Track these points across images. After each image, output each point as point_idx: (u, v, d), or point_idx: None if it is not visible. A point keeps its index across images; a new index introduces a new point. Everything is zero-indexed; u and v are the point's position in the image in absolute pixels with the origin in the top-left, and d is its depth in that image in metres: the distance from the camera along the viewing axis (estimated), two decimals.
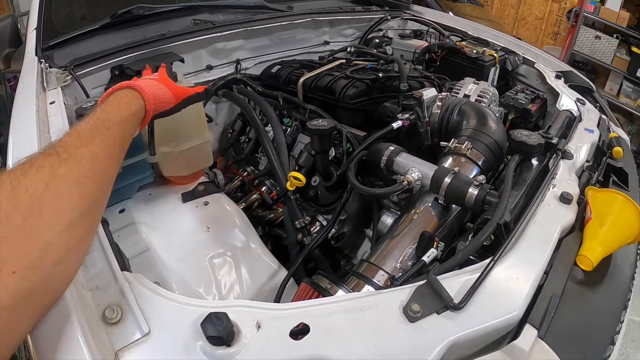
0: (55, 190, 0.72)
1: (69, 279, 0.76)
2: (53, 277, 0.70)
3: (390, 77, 1.89)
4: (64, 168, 0.75)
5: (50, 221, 0.69)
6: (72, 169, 0.76)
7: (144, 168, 1.44)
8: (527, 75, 2.40)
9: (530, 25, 7.20)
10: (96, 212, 0.83)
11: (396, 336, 0.82)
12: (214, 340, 0.75)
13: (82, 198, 0.76)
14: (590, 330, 1.00)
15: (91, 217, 0.80)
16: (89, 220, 0.78)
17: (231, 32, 2.17)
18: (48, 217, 0.69)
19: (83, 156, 0.79)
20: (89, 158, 0.80)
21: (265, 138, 1.77)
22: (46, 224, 0.69)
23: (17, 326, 0.64)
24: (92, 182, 0.79)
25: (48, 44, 1.87)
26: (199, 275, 1.28)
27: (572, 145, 1.52)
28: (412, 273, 1.11)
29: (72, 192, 0.75)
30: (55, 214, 0.70)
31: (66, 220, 0.72)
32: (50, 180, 0.72)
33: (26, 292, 0.64)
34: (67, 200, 0.73)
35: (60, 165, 0.75)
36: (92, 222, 0.81)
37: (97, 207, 0.83)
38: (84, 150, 0.80)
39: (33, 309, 0.68)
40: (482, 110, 1.60)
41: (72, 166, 0.76)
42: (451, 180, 1.28)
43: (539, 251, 1.05)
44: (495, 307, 0.89)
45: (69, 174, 0.75)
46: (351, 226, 1.61)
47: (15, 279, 0.62)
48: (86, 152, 0.80)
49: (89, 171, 0.79)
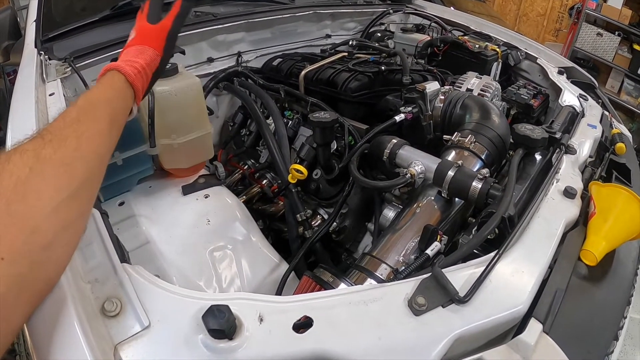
0: (40, 173, 0.70)
1: (60, 264, 0.74)
2: (43, 262, 0.68)
3: (392, 70, 1.88)
4: (47, 150, 0.73)
5: (36, 204, 0.68)
6: (57, 150, 0.74)
7: (144, 160, 1.43)
8: (530, 71, 2.39)
9: (532, 21, 7.18)
10: (87, 193, 0.80)
11: (401, 329, 0.81)
12: (216, 333, 0.74)
13: (70, 179, 0.75)
14: (594, 326, 1.00)
15: (81, 198, 0.77)
16: (78, 201, 0.76)
17: (232, 24, 2.16)
18: (33, 200, 0.68)
19: (68, 136, 0.78)
20: (74, 137, 0.78)
21: (266, 131, 1.76)
22: (31, 207, 0.67)
23: (11, 314, 0.63)
24: (79, 162, 0.77)
25: (48, 36, 1.87)
26: (199, 268, 1.27)
27: (575, 141, 1.51)
28: (416, 266, 1.11)
29: (58, 173, 0.73)
30: (40, 197, 0.69)
31: (53, 202, 0.70)
32: (34, 163, 0.70)
33: (17, 278, 0.63)
34: (52, 183, 0.71)
35: (43, 148, 0.73)
36: (83, 204, 0.79)
37: (88, 188, 0.80)
38: (68, 131, 0.79)
39: (26, 296, 0.67)
40: (485, 104, 1.59)
41: (56, 147, 0.74)
42: (455, 173, 1.27)
43: (544, 245, 1.04)
44: (501, 301, 0.88)
45: (53, 156, 0.73)
46: (353, 220, 1.60)
47: (4, 265, 0.60)
48: (71, 132, 0.79)
49: (75, 151, 0.77)
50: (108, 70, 1.01)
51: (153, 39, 1.10)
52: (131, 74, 1.00)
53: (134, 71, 1.01)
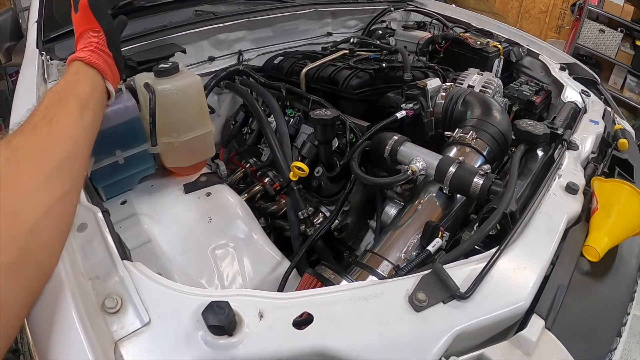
0: (14, 160, 0.73)
1: (50, 248, 0.76)
2: (29, 247, 0.69)
3: (393, 68, 1.87)
4: (19, 138, 0.77)
5: (14, 190, 0.70)
6: (28, 137, 0.78)
7: (146, 159, 1.42)
8: (531, 67, 2.38)
9: (534, 18, 7.17)
10: (65, 174, 0.82)
11: (402, 325, 0.81)
12: (216, 329, 0.74)
13: (45, 162, 0.77)
14: (597, 322, 0.99)
15: (59, 179, 0.79)
16: (56, 183, 0.78)
17: (233, 23, 2.15)
18: (11, 186, 0.70)
19: (37, 123, 0.81)
20: (43, 123, 0.81)
21: (267, 129, 1.76)
22: (10, 194, 0.69)
23: (7, 302, 0.63)
24: (52, 145, 0.80)
25: (49, 37, 1.87)
26: (201, 266, 1.27)
27: (577, 137, 1.50)
28: (417, 263, 1.10)
29: (33, 158, 0.76)
30: (18, 182, 0.71)
31: (30, 186, 0.72)
32: (7, 153, 0.73)
33: (5, 265, 0.63)
34: (28, 168, 0.74)
35: (15, 137, 0.77)
36: (62, 185, 0.80)
37: (66, 169, 0.82)
38: (37, 118, 0.82)
39: (18, 284, 0.67)
40: (486, 100, 1.58)
41: (27, 135, 0.78)
42: (456, 169, 1.26)
43: (546, 241, 1.04)
44: (502, 297, 0.88)
45: (25, 143, 0.77)
46: (354, 217, 1.60)
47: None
48: (39, 119, 0.82)
49: (46, 136, 0.80)
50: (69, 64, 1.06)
51: (84, 22, 1.14)
52: (85, 56, 1.04)
53: (87, 53, 1.05)
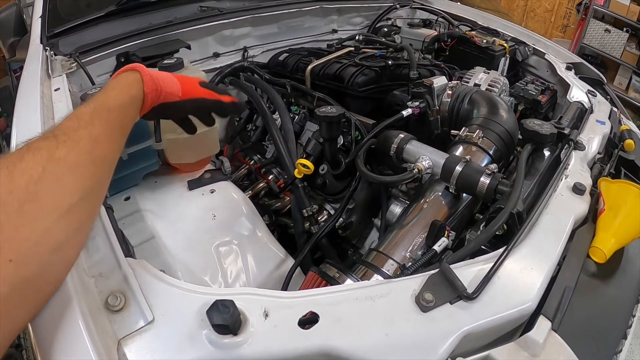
0: (53, 173, 0.69)
1: (68, 266, 0.74)
2: (52, 264, 0.67)
3: (399, 65, 1.86)
4: (62, 150, 0.72)
5: (48, 206, 0.67)
6: (71, 151, 0.73)
7: (150, 155, 1.42)
8: (537, 66, 2.36)
9: (540, 17, 7.14)
10: (96, 196, 0.80)
11: (408, 326, 0.81)
12: (220, 328, 0.74)
13: (82, 181, 0.74)
14: (603, 324, 0.99)
15: (91, 201, 0.77)
16: (88, 204, 0.76)
17: (238, 19, 2.15)
18: (46, 201, 0.67)
19: (82, 138, 0.77)
20: (88, 140, 0.77)
21: (272, 125, 1.75)
22: (44, 208, 0.66)
23: (14, 317, 0.62)
24: (91, 165, 0.77)
25: (53, 32, 1.87)
26: (204, 263, 1.27)
27: (584, 137, 1.49)
28: (423, 262, 1.10)
29: (71, 175, 0.72)
30: (53, 198, 0.68)
31: (65, 204, 0.69)
32: (47, 163, 0.69)
33: (24, 281, 0.61)
34: (65, 184, 0.71)
35: (57, 148, 0.72)
36: (92, 207, 0.79)
37: (98, 191, 0.80)
38: (83, 133, 0.78)
39: (32, 299, 0.66)
40: (493, 99, 1.57)
41: (70, 148, 0.74)
42: (462, 168, 1.25)
43: (553, 242, 1.03)
44: (509, 298, 0.87)
45: (67, 157, 0.72)
46: (359, 215, 1.59)
47: (12, 267, 0.59)
48: (85, 135, 0.78)
49: (88, 154, 0.76)
50: (132, 69, 1.00)
51: (187, 84, 1.10)
52: (150, 86, 0.99)
53: (154, 85, 1.00)
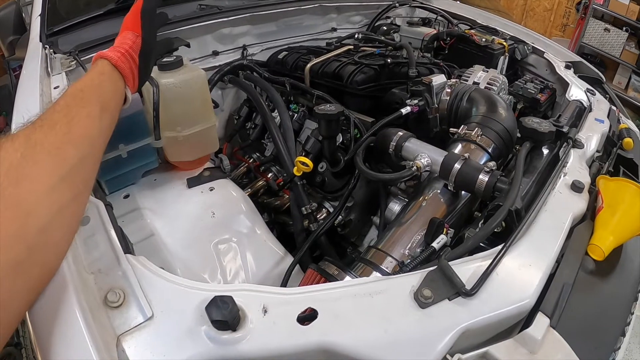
0: (31, 157, 0.72)
1: (58, 248, 0.75)
2: (40, 246, 0.68)
3: (398, 63, 1.86)
4: (38, 135, 0.75)
5: (29, 188, 0.69)
6: (47, 134, 0.76)
7: (149, 153, 1.42)
8: (536, 65, 2.37)
9: (539, 16, 7.14)
10: (80, 176, 0.81)
11: (407, 322, 0.81)
12: (219, 324, 0.74)
13: (62, 162, 0.76)
14: (601, 321, 0.99)
15: (74, 180, 0.78)
16: (71, 184, 0.77)
17: (237, 17, 2.15)
18: (27, 184, 0.69)
19: (57, 121, 0.80)
20: (64, 122, 0.80)
21: (272, 123, 1.75)
22: (25, 191, 0.68)
23: (10, 301, 0.63)
24: (70, 146, 0.79)
25: (53, 30, 1.87)
26: (203, 261, 1.27)
27: (583, 135, 1.49)
28: (422, 259, 1.10)
29: (50, 157, 0.75)
30: (33, 181, 0.70)
31: (45, 185, 0.71)
32: (25, 149, 0.72)
33: (12, 263, 0.62)
34: (44, 166, 0.73)
35: (34, 133, 0.75)
36: (76, 186, 0.79)
37: (81, 171, 0.81)
38: (58, 116, 0.81)
39: (23, 282, 0.67)
40: (492, 97, 1.58)
41: (46, 132, 0.77)
42: (461, 166, 1.26)
43: (551, 239, 1.03)
44: (508, 295, 0.87)
45: (44, 140, 0.75)
46: (358, 213, 1.59)
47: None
48: (60, 117, 0.81)
49: (65, 135, 0.79)
50: (96, 60, 1.04)
51: (130, 23, 1.13)
52: (114, 57, 1.03)
53: (116, 54, 1.04)
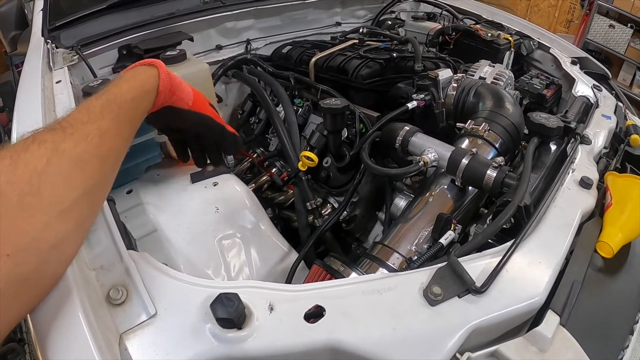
0: (57, 166, 0.67)
1: (67, 262, 0.72)
2: (50, 261, 0.66)
3: (404, 58, 1.84)
4: (68, 143, 0.70)
5: (50, 200, 0.65)
6: (77, 145, 0.72)
7: (152, 148, 1.41)
8: (542, 61, 2.34)
9: (543, 12, 7.11)
10: (100, 193, 0.79)
11: (416, 320, 0.79)
12: (224, 322, 0.72)
13: (86, 176, 0.72)
14: (610, 319, 0.97)
15: (94, 197, 0.76)
16: (91, 200, 0.74)
17: (241, 11, 2.14)
18: (48, 195, 0.65)
19: (90, 132, 0.75)
20: (96, 135, 0.75)
21: (276, 118, 1.74)
22: (45, 202, 0.64)
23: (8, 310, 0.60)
24: (97, 160, 0.75)
25: (54, 25, 1.87)
26: (207, 256, 1.26)
27: (590, 131, 1.48)
28: (430, 256, 1.08)
29: (76, 169, 0.70)
30: (55, 192, 0.66)
31: (67, 199, 0.67)
32: (52, 155, 0.67)
33: (20, 277, 0.60)
34: (69, 178, 0.69)
35: (64, 141, 0.70)
36: (95, 203, 0.77)
37: (102, 187, 0.79)
38: (91, 127, 0.76)
39: (27, 294, 0.64)
40: (499, 92, 1.56)
41: (77, 142, 0.72)
42: (469, 161, 1.24)
43: (560, 236, 1.01)
44: (518, 292, 0.86)
45: (73, 150, 0.70)
46: (363, 209, 1.58)
47: (9, 262, 0.57)
48: (94, 129, 0.76)
49: (95, 149, 0.75)
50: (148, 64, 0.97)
51: (198, 93, 1.09)
52: (165, 85, 0.96)
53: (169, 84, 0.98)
